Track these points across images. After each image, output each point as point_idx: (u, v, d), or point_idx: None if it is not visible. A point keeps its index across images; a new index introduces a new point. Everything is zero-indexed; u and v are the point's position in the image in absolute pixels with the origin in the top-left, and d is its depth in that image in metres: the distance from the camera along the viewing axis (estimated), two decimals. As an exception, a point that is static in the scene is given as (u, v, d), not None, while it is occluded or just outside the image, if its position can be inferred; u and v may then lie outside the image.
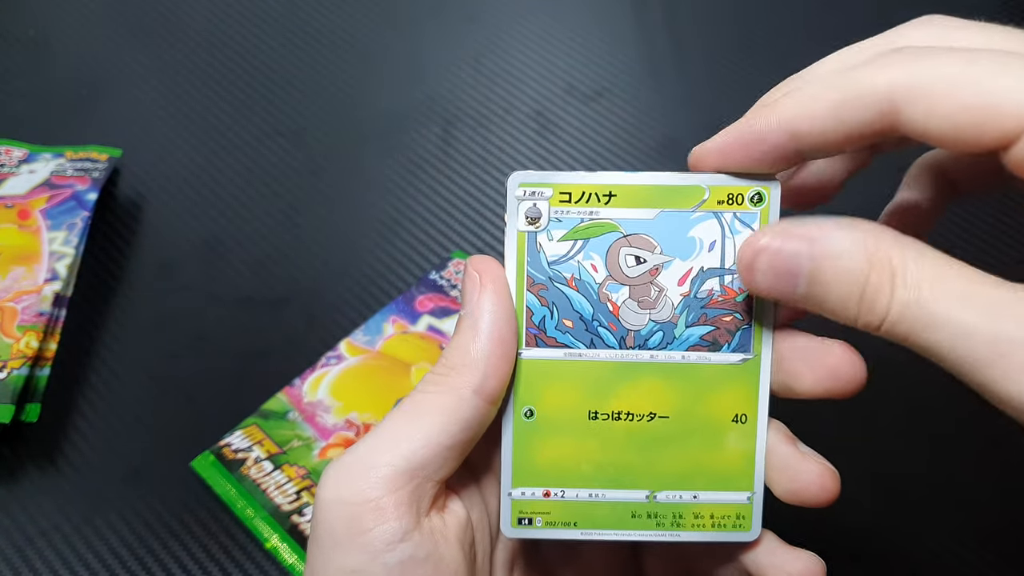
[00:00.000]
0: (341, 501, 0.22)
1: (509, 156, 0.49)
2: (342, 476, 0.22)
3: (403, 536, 0.22)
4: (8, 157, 0.47)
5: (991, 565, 0.36)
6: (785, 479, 0.25)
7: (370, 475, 0.22)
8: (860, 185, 0.29)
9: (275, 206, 0.48)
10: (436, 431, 0.23)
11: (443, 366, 0.23)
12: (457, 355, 0.23)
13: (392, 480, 0.22)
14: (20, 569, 0.36)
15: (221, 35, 0.55)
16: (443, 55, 0.54)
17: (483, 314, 0.23)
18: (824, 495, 0.24)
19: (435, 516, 0.23)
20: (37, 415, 0.39)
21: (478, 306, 0.24)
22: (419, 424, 0.23)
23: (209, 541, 0.37)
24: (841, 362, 0.24)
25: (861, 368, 0.24)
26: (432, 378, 0.23)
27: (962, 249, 0.45)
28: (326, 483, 0.22)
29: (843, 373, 0.24)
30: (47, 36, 0.55)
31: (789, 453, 0.25)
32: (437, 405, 0.23)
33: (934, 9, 0.24)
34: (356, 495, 0.22)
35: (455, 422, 0.23)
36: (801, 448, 0.25)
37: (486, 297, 0.24)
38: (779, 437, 0.25)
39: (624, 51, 0.54)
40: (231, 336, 0.43)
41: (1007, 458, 0.38)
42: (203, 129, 0.51)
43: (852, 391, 0.24)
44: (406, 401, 0.23)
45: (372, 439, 0.23)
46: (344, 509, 0.22)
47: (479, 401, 0.23)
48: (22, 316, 0.40)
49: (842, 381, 0.24)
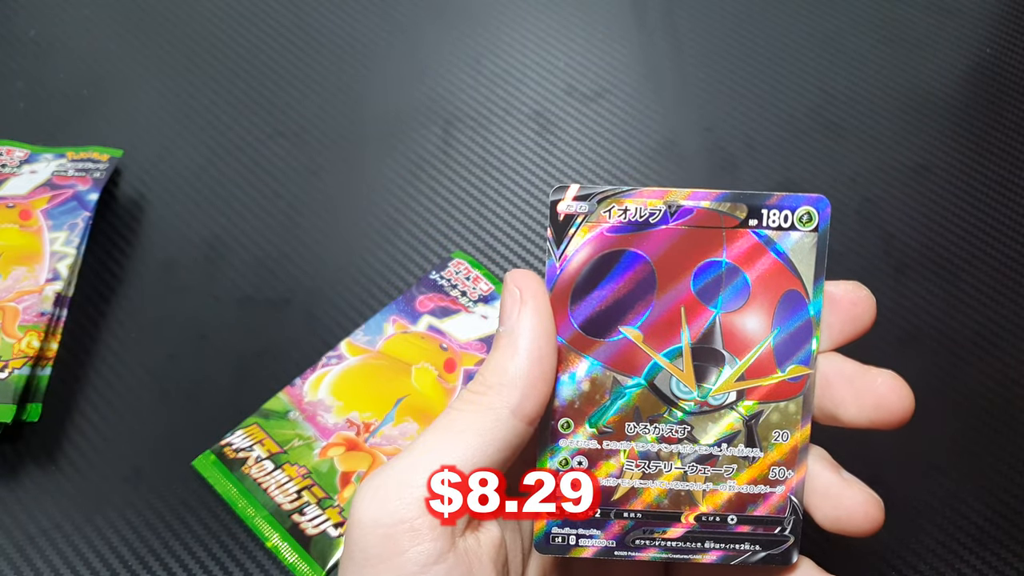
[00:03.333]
0: (376, 521, 0.22)
1: (509, 156, 0.50)
2: (378, 495, 0.22)
3: (438, 558, 0.21)
4: (9, 157, 0.47)
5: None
6: (828, 507, 0.24)
7: (407, 495, 0.22)
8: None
9: (275, 206, 0.48)
10: (473, 451, 0.22)
11: (480, 384, 0.23)
12: (495, 374, 0.23)
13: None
14: (21, 568, 0.36)
15: (222, 35, 0.55)
16: (443, 55, 0.54)
17: (523, 331, 0.23)
18: (868, 524, 0.24)
19: (470, 536, 0.23)
20: (38, 415, 0.39)
21: (518, 323, 0.23)
22: (456, 444, 0.22)
23: (210, 540, 0.37)
24: (888, 392, 0.23)
25: (909, 399, 0.23)
26: (469, 396, 0.23)
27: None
28: (361, 502, 0.22)
29: (890, 404, 0.23)
30: (47, 36, 0.55)
31: (832, 480, 0.24)
32: (474, 425, 0.22)
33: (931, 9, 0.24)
34: (391, 515, 0.22)
35: (491, 443, 0.22)
36: (844, 475, 0.24)
37: (526, 314, 0.23)
38: (821, 464, 0.24)
39: (624, 51, 0.54)
40: (232, 336, 0.43)
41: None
42: (204, 129, 0.51)
43: (898, 423, 0.23)
44: (442, 419, 0.23)
45: (408, 457, 0.22)
46: (379, 529, 0.22)
47: (516, 422, 0.22)
48: (23, 316, 0.40)
49: (888, 412, 0.23)
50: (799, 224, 0.24)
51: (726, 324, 0.24)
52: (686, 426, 0.24)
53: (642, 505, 0.24)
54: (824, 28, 0.54)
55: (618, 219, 0.24)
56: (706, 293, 0.24)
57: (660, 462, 0.24)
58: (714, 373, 0.24)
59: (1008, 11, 0.55)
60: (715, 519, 0.24)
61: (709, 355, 0.24)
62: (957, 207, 0.47)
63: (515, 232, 0.47)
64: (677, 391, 0.24)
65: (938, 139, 0.50)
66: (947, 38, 0.53)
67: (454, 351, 0.41)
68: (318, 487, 0.37)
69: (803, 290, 0.24)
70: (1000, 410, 0.40)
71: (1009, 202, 0.47)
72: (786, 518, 0.24)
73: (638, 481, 0.24)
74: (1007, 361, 0.41)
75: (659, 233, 0.24)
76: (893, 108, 0.51)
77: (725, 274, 0.24)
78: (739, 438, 0.24)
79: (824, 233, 0.24)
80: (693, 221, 0.24)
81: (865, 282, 0.24)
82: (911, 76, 0.52)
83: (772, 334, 0.24)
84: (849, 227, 0.46)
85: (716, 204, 0.24)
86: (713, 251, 0.24)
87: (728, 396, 0.24)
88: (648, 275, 0.24)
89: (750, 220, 0.23)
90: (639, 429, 0.24)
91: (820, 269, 0.24)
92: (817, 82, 0.52)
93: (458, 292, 0.43)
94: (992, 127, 0.50)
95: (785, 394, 0.24)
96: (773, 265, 0.24)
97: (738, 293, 0.24)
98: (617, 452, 0.24)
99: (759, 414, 0.24)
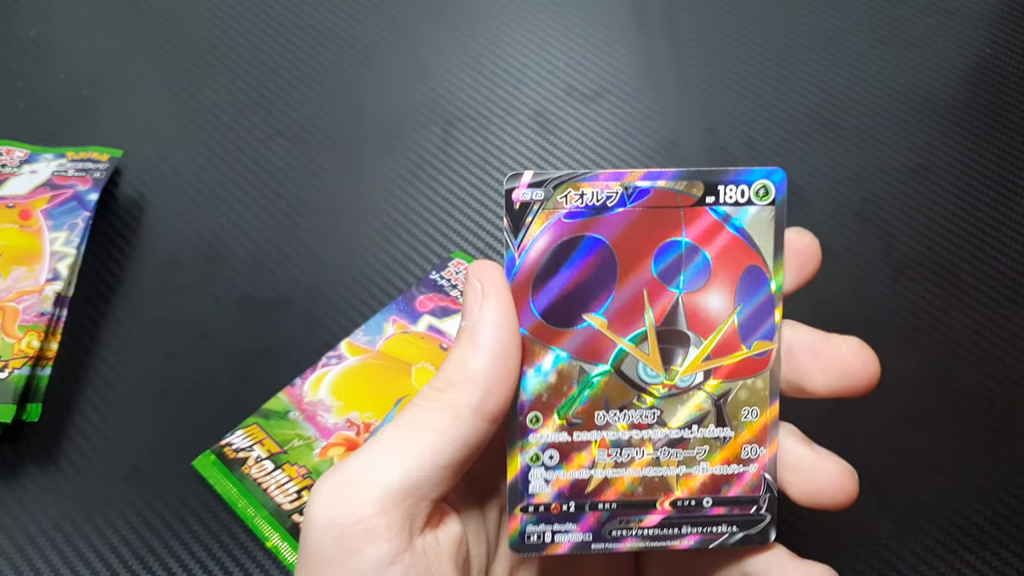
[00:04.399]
0: (331, 521, 0.21)
1: (509, 156, 0.50)
2: (332, 494, 0.21)
3: (394, 558, 0.21)
4: (9, 157, 0.47)
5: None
6: (801, 481, 0.24)
7: (362, 494, 0.21)
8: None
9: (275, 206, 0.48)
10: (432, 450, 0.21)
11: (441, 381, 0.22)
12: (456, 370, 0.22)
13: (385, 500, 0.21)
14: (21, 568, 0.36)
15: (222, 35, 0.55)
16: (443, 55, 0.54)
17: (485, 326, 0.22)
18: (843, 496, 0.23)
19: (428, 535, 0.22)
20: (38, 415, 0.39)
21: (480, 318, 0.22)
22: (414, 442, 0.22)
23: (210, 540, 0.37)
24: (854, 359, 0.23)
25: (875, 366, 0.23)
26: (430, 393, 0.22)
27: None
28: (316, 501, 0.21)
29: (856, 371, 0.23)
30: (47, 36, 0.55)
31: (804, 454, 0.24)
32: (434, 423, 0.22)
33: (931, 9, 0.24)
34: (346, 515, 0.21)
35: (452, 441, 0.22)
36: (816, 449, 0.24)
37: (488, 308, 0.22)
38: (793, 438, 0.24)
39: (624, 51, 0.54)
40: (232, 336, 0.43)
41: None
42: (204, 129, 0.51)
43: (864, 390, 0.23)
44: (402, 416, 0.22)
45: (365, 455, 0.22)
46: (333, 529, 0.21)
47: (478, 420, 0.22)
48: (23, 316, 0.40)
49: (855, 379, 0.23)
50: (756, 198, 0.23)
51: (689, 304, 0.23)
52: (655, 410, 0.24)
53: (616, 495, 0.24)
54: (824, 28, 0.54)
55: (575, 204, 0.23)
56: (667, 274, 0.23)
57: (632, 449, 0.24)
58: (680, 355, 0.24)
59: (1008, 11, 0.55)
60: (690, 503, 0.24)
61: (674, 337, 0.24)
62: (957, 207, 0.47)
63: (515, 232, 0.47)
64: (644, 375, 0.24)
65: (938, 139, 0.50)
66: (947, 38, 0.53)
67: (454, 351, 0.41)
68: (318, 487, 0.37)
69: (763, 265, 0.23)
70: (1000, 410, 0.40)
71: (1009, 202, 0.47)
72: (761, 496, 0.24)
73: (611, 471, 0.24)
74: (1007, 361, 0.41)
75: (617, 216, 0.23)
76: (893, 108, 0.51)
77: (685, 254, 0.23)
78: (709, 419, 0.24)
79: (781, 205, 0.23)
80: (650, 202, 0.23)
81: (865, 282, 0.24)
82: (911, 76, 0.52)
83: (736, 311, 0.23)
84: (849, 227, 0.46)
85: (672, 183, 0.23)
86: (672, 231, 0.23)
87: (695, 377, 0.24)
88: (608, 260, 0.23)
89: (707, 197, 0.23)
90: (609, 417, 0.24)
91: (780, 242, 0.23)
92: (817, 82, 0.52)
93: (458, 292, 0.43)
94: (992, 127, 0.50)
95: (752, 371, 0.24)
96: (732, 241, 0.23)
97: (699, 272, 0.23)
98: (588, 443, 0.24)
99: (727, 393, 0.24)
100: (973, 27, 0.54)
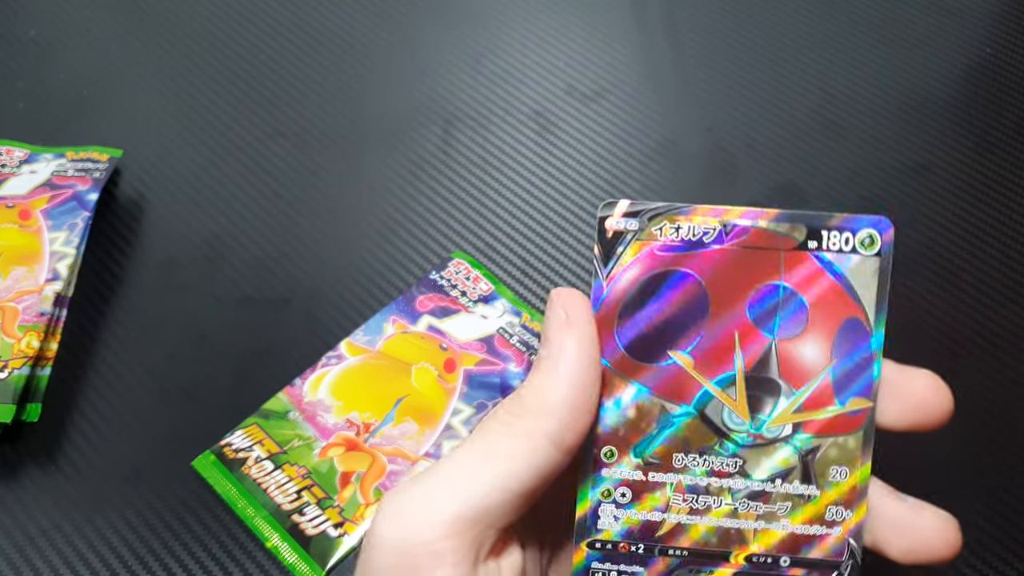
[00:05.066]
0: (397, 539, 0.20)
1: (509, 156, 0.50)
2: (401, 512, 0.21)
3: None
4: (9, 157, 0.47)
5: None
6: (902, 540, 0.22)
7: (431, 516, 0.21)
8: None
9: (275, 206, 0.48)
10: (507, 478, 0.21)
11: (518, 406, 0.22)
12: (534, 397, 0.22)
13: (454, 524, 0.20)
14: (21, 568, 0.36)
15: (222, 35, 0.55)
16: (443, 55, 0.54)
17: (567, 356, 0.22)
18: (948, 550, 0.22)
19: (492, 563, 0.22)
20: (38, 415, 0.39)
21: (561, 347, 0.22)
22: (489, 467, 0.21)
23: (210, 540, 0.37)
24: (928, 392, 0.22)
25: (949, 399, 0.22)
26: (506, 418, 0.22)
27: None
28: (385, 516, 0.21)
29: (930, 404, 0.22)
30: (47, 36, 0.55)
31: (900, 511, 0.23)
32: (507, 449, 0.21)
33: (931, 9, 0.24)
34: (414, 535, 0.20)
35: (524, 470, 0.21)
36: (910, 502, 0.23)
37: (571, 338, 0.22)
38: (883, 493, 0.23)
39: (624, 51, 0.54)
40: (231, 336, 0.43)
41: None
42: (203, 129, 0.51)
43: (939, 424, 0.22)
44: (476, 439, 0.22)
45: (437, 475, 0.21)
46: (399, 546, 0.20)
47: (553, 450, 0.21)
48: (23, 316, 0.40)
49: (929, 413, 0.22)
50: (860, 247, 0.22)
51: (782, 352, 0.22)
52: (738, 459, 0.23)
53: (689, 543, 0.23)
54: (824, 28, 0.54)
55: (669, 237, 0.22)
56: (762, 318, 0.22)
57: (709, 497, 0.23)
58: (769, 404, 0.23)
59: (1008, 11, 0.55)
60: (766, 560, 0.23)
61: (764, 385, 0.23)
62: (957, 207, 0.47)
63: (515, 232, 0.47)
64: (729, 422, 0.23)
65: (938, 139, 0.50)
66: (947, 38, 0.53)
67: (454, 351, 0.41)
68: (318, 487, 0.37)
69: (864, 318, 0.23)
70: (1000, 410, 0.40)
71: (1010, 202, 0.47)
72: (843, 562, 0.23)
73: (685, 516, 0.23)
74: (1007, 361, 0.41)
75: (713, 253, 0.22)
76: (893, 108, 0.51)
77: (782, 299, 0.22)
78: (794, 474, 0.23)
79: (887, 257, 0.22)
80: (749, 241, 0.22)
81: None
82: (911, 76, 0.52)
83: (831, 364, 0.22)
84: (849, 227, 0.46)
85: (774, 224, 0.22)
86: (770, 274, 0.22)
87: (783, 429, 0.23)
88: (700, 297, 0.23)
89: (809, 242, 0.22)
90: (687, 461, 0.23)
91: (883, 295, 0.22)
92: (817, 82, 0.52)
93: (458, 292, 0.43)
94: (992, 127, 0.50)
95: (844, 428, 0.23)
96: (833, 290, 0.22)
97: (796, 319, 0.22)
98: (663, 485, 0.23)
99: (816, 449, 0.23)
100: (973, 27, 0.54)
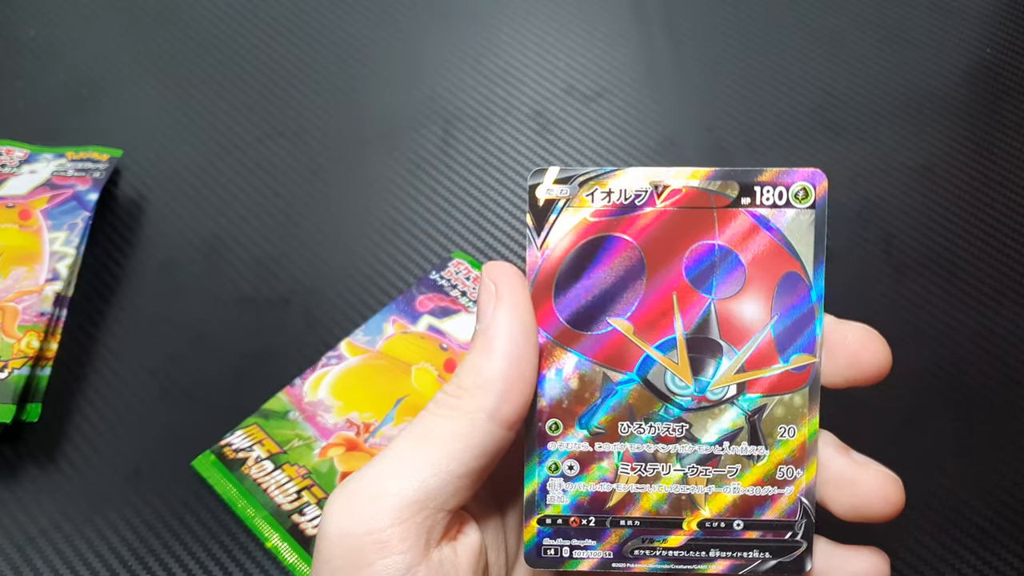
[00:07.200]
0: (343, 532, 0.20)
1: (509, 156, 0.50)
2: (346, 505, 0.21)
3: (407, 571, 0.20)
4: (9, 157, 0.47)
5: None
6: (844, 496, 0.22)
7: (375, 505, 0.20)
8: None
9: (275, 206, 0.48)
10: (448, 459, 0.21)
11: (455, 387, 0.21)
12: (470, 376, 0.21)
13: (399, 511, 0.20)
14: (21, 568, 0.36)
15: (222, 35, 0.55)
16: (443, 55, 0.54)
17: (499, 330, 0.21)
18: (889, 508, 0.22)
19: (446, 546, 0.21)
20: (38, 415, 0.39)
21: (493, 321, 0.21)
22: (430, 451, 0.21)
23: (210, 540, 0.37)
24: (860, 347, 0.22)
25: (883, 353, 0.22)
26: (444, 399, 0.21)
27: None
28: (329, 512, 0.21)
29: (863, 359, 0.22)
30: (47, 36, 0.55)
31: (844, 466, 0.22)
32: (449, 430, 0.21)
33: (931, 9, 0.24)
34: (359, 526, 0.20)
35: (468, 449, 0.21)
36: (856, 457, 0.23)
37: (502, 311, 0.21)
38: (830, 448, 0.22)
39: (624, 51, 0.54)
40: (231, 336, 0.43)
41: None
42: (203, 129, 0.51)
43: (874, 379, 0.22)
44: (416, 425, 0.22)
45: (379, 465, 0.21)
46: (345, 540, 0.20)
47: (494, 427, 0.21)
48: (23, 316, 0.40)
49: (862, 369, 0.22)
50: (795, 201, 0.22)
51: (722, 311, 0.22)
52: (684, 424, 0.22)
53: (639, 512, 0.23)
54: (824, 28, 0.54)
55: (602, 202, 0.22)
56: (699, 279, 0.22)
57: (658, 464, 0.22)
58: (711, 365, 0.22)
59: (1008, 11, 0.55)
60: (719, 525, 0.23)
61: (705, 346, 0.22)
62: (957, 207, 0.47)
63: (515, 232, 0.47)
64: (672, 386, 0.22)
65: (938, 139, 0.50)
66: (947, 38, 0.53)
67: (454, 351, 0.41)
68: (318, 487, 0.37)
69: (803, 272, 0.22)
70: (1000, 410, 0.40)
71: (1010, 202, 0.47)
72: (797, 521, 0.23)
73: (634, 486, 0.23)
74: (1007, 361, 0.41)
75: (646, 216, 0.22)
76: (893, 108, 0.51)
77: (718, 258, 0.22)
78: (742, 435, 0.22)
79: (822, 209, 0.22)
80: (682, 202, 0.22)
81: (865, 282, 0.24)
82: (911, 76, 0.52)
83: (772, 321, 0.22)
84: (849, 227, 0.46)
85: (706, 183, 0.22)
86: (705, 233, 0.22)
87: (728, 390, 0.22)
88: (636, 261, 0.22)
89: (742, 198, 0.22)
90: (633, 428, 0.22)
91: (820, 248, 0.22)
92: (817, 82, 0.52)
93: (458, 292, 0.43)
94: (992, 127, 0.50)
95: (790, 386, 0.22)
96: (769, 246, 0.22)
97: (733, 278, 0.22)
98: (611, 454, 0.22)
99: (762, 408, 0.22)
100: (973, 27, 0.54)
